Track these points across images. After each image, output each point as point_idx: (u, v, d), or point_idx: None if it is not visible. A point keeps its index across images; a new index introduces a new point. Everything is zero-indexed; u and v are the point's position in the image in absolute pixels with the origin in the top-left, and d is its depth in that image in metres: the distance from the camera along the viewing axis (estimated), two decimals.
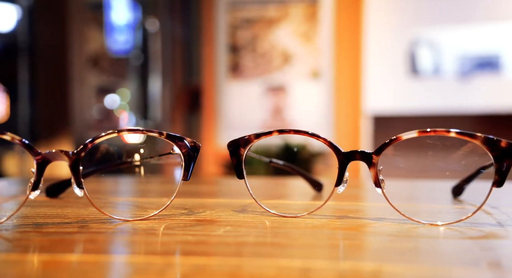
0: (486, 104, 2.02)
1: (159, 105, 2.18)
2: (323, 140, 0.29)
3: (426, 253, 0.21)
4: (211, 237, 0.23)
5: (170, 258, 0.19)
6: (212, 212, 0.31)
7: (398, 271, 0.18)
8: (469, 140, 0.26)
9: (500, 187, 0.26)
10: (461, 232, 0.25)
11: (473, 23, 2.04)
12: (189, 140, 0.29)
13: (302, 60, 2.31)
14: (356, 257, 0.20)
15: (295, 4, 2.31)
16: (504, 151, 0.26)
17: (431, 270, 0.18)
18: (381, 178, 0.28)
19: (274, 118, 2.35)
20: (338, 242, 0.23)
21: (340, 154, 0.28)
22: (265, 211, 0.30)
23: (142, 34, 2.22)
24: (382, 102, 2.15)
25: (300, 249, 0.21)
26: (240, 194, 0.42)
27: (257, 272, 0.17)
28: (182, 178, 0.29)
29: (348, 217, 0.29)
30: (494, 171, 0.26)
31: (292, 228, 0.26)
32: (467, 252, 0.21)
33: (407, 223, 0.27)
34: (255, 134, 0.30)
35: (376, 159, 0.28)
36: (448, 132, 0.27)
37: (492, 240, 0.23)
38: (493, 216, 0.30)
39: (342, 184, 0.29)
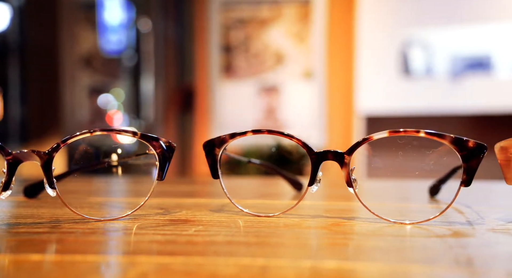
0: (477, 104, 2.04)
1: (151, 106, 2.18)
2: (296, 140, 0.29)
3: (390, 251, 0.21)
4: (181, 236, 0.23)
5: (134, 257, 0.19)
6: (188, 212, 0.31)
7: (358, 269, 0.18)
8: (438, 140, 0.27)
9: (467, 186, 0.27)
10: (429, 230, 0.25)
11: (465, 24, 2.05)
12: (164, 140, 0.29)
13: (295, 60, 2.31)
14: (318, 256, 0.20)
15: (288, 4, 2.31)
16: (472, 151, 0.26)
17: (390, 267, 0.18)
18: (353, 178, 0.28)
19: (267, 118, 2.36)
20: (306, 241, 0.23)
21: (313, 153, 0.29)
22: (240, 211, 0.30)
23: (135, 34, 2.22)
24: (374, 103, 2.16)
25: (265, 248, 0.21)
26: (221, 194, 0.42)
27: (218, 270, 0.18)
28: (157, 178, 0.29)
29: (321, 216, 0.30)
30: (462, 170, 0.27)
31: (264, 227, 0.26)
32: (430, 250, 0.21)
33: (378, 222, 0.27)
34: (230, 135, 0.30)
35: (348, 159, 0.28)
36: (418, 132, 0.27)
37: (458, 238, 0.24)
38: (464, 215, 0.31)
39: (315, 183, 0.29)
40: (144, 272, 0.17)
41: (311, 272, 0.18)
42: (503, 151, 0.27)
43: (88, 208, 0.31)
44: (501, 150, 0.27)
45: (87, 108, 2.23)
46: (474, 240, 0.23)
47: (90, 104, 2.25)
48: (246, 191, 0.46)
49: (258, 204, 0.35)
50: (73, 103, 2.01)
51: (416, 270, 0.18)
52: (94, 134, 0.27)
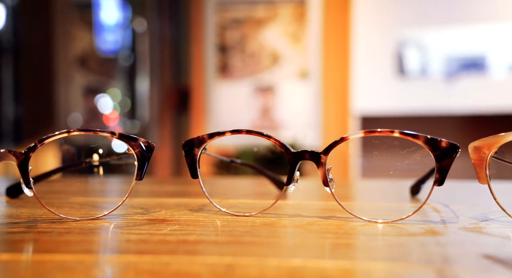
0: (472, 104, 2.05)
1: (147, 106, 2.18)
2: (274, 140, 0.29)
3: (359, 249, 0.21)
4: (154, 235, 0.24)
5: (102, 256, 0.19)
6: (167, 212, 0.31)
7: (321, 266, 0.18)
8: (412, 139, 0.27)
9: (440, 185, 0.27)
10: (402, 229, 0.26)
11: (459, 25, 2.07)
12: (143, 140, 0.29)
13: (290, 60, 2.32)
14: (286, 254, 0.20)
15: (283, 4, 2.32)
16: (444, 151, 0.27)
17: (354, 265, 0.18)
18: (330, 177, 0.29)
19: (262, 118, 2.36)
20: (278, 239, 0.23)
21: (290, 153, 0.29)
22: (219, 210, 0.31)
23: (131, 34, 2.22)
24: (369, 103, 2.17)
25: (236, 247, 0.22)
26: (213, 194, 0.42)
27: (182, 268, 0.18)
28: (135, 178, 0.29)
29: (299, 216, 0.30)
30: (435, 170, 0.27)
31: (239, 227, 0.26)
32: (399, 248, 0.21)
33: (354, 221, 0.28)
34: (208, 135, 0.30)
35: (324, 159, 0.28)
36: (392, 132, 0.28)
37: (429, 236, 0.24)
38: (440, 214, 0.31)
39: (292, 183, 0.29)
40: (108, 271, 0.17)
41: (275, 270, 0.18)
42: (477, 150, 0.28)
43: (68, 208, 0.32)
44: (474, 150, 0.28)
45: (82, 108, 2.22)
46: (444, 239, 0.24)
47: (86, 105, 2.25)
48: (230, 191, 0.47)
49: (239, 204, 0.36)
50: (67, 103, 2.00)
51: (379, 268, 0.18)
52: (71, 134, 0.27)
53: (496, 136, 0.27)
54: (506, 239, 0.23)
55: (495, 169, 0.29)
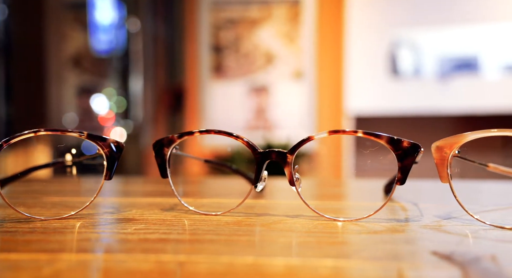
0: (464, 105, 2.06)
1: (140, 106, 2.18)
2: (241, 140, 0.30)
3: (311, 247, 0.22)
4: (117, 234, 0.24)
5: (57, 255, 0.20)
6: (137, 211, 0.31)
7: (271, 264, 0.19)
8: (374, 139, 0.28)
9: (403, 184, 0.27)
10: (363, 227, 0.26)
11: (452, 25, 2.08)
12: (112, 139, 0.30)
13: (285, 60, 2.32)
14: (240, 252, 0.21)
15: (277, 5, 2.32)
16: (406, 150, 0.27)
17: (302, 262, 0.19)
18: (296, 177, 0.29)
19: (257, 118, 2.37)
20: (237, 238, 0.24)
21: (257, 153, 0.29)
22: (189, 210, 0.31)
23: (125, 34, 2.22)
24: (363, 103, 2.18)
25: (194, 245, 0.22)
26: (185, 193, 0.43)
27: (134, 266, 0.18)
28: (104, 178, 0.29)
29: (267, 214, 0.30)
30: (397, 169, 0.27)
31: (205, 225, 0.27)
32: (351, 245, 0.22)
33: (320, 220, 0.28)
34: (178, 135, 0.31)
35: (290, 158, 0.29)
36: (356, 132, 0.28)
37: (387, 234, 0.25)
38: (407, 212, 0.32)
39: (260, 182, 0.30)
40: (59, 269, 0.18)
41: (225, 267, 0.18)
42: (439, 150, 0.28)
43: (40, 208, 0.32)
44: (436, 149, 0.28)
45: (76, 108, 2.22)
46: (401, 236, 0.24)
47: (80, 105, 2.24)
48: (207, 190, 0.47)
49: (212, 203, 0.36)
50: (60, 103, 2.00)
51: (327, 264, 0.18)
52: (38, 134, 0.28)
53: (457, 136, 0.28)
54: (461, 236, 0.24)
55: (458, 168, 0.29)
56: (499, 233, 0.25)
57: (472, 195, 0.40)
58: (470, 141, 0.29)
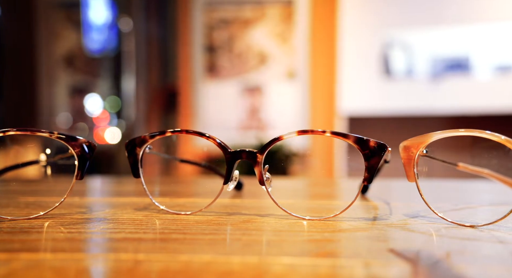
0: (456, 105, 2.08)
1: (133, 106, 2.17)
2: (212, 140, 0.30)
3: (271, 245, 0.22)
4: (83, 234, 0.24)
5: (17, 254, 0.20)
6: (110, 211, 0.31)
7: (228, 261, 0.19)
8: (342, 139, 0.28)
9: (369, 183, 0.28)
10: (329, 226, 0.26)
11: (444, 26, 2.09)
12: (84, 139, 0.30)
13: (278, 60, 2.33)
14: (200, 250, 0.21)
15: (271, 5, 2.33)
16: (373, 150, 0.27)
17: (259, 260, 0.19)
18: (267, 176, 0.29)
19: (250, 118, 2.37)
20: (203, 236, 0.24)
21: (228, 153, 0.30)
22: (162, 209, 0.31)
23: (118, 34, 2.21)
24: (356, 103, 2.19)
25: (156, 243, 0.22)
26: (164, 193, 0.43)
27: (88, 265, 0.18)
28: (75, 177, 0.29)
29: (239, 214, 0.31)
30: (364, 168, 0.28)
31: (174, 224, 0.27)
32: (310, 243, 0.22)
33: (288, 218, 0.28)
34: (149, 135, 0.31)
35: (260, 158, 0.29)
36: (324, 132, 0.28)
37: (349, 232, 0.25)
38: (377, 211, 0.32)
39: (231, 181, 0.30)
40: (15, 269, 0.18)
41: (181, 265, 0.19)
42: (406, 149, 0.28)
43: (12, 208, 0.32)
44: (404, 149, 0.29)
45: (69, 108, 2.21)
46: (364, 234, 0.24)
47: (73, 104, 2.23)
48: (187, 190, 0.47)
49: (187, 203, 0.36)
50: (51, 103, 1.99)
51: (281, 262, 0.19)
52: (7, 134, 0.28)
53: (423, 135, 0.28)
54: (423, 234, 0.24)
55: (426, 167, 0.30)
56: (460, 231, 0.25)
57: (445, 194, 0.41)
58: (442, 141, 0.30)
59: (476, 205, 0.35)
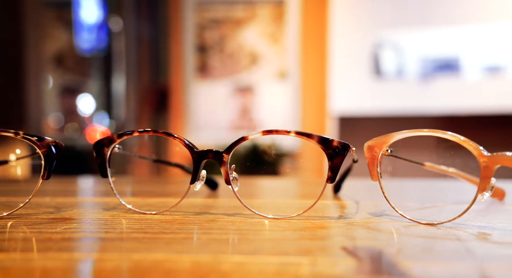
0: (446, 105, 2.10)
1: (123, 105, 2.16)
2: (179, 140, 0.30)
3: (230, 243, 0.22)
4: (44, 234, 0.24)
5: None
6: (77, 211, 0.31)
7: (181, 260, 0.19)
8: (306, 139, 0.28)
9: (332, 182, 0.28)
10: (291, 224, 0.27)
11: (434, 27, 2.11)
12: (50, 139, 0.30)
13: (269, 60, 2.33)
14: (155, 249, 0.21)
15: (262, 5, 2.33)
16: (336, 150, 0.28)
17: (210, 258, 0.19)
18: (233, 176, 0.30)
19: (242, 118, 2.37)
20: (162, 235, 0.24)
21: (195, 153, 0.30)
22: (131, 209, 0.31)
23: (108, 33, 2.20)
24: (347, 103, 2.20)
25: (114, 243, 0.22)
26: (137, 193, 0.43)
27: (43, 264, 0.18)
28: (41, 177, 0.29)
29: (206, 213, 0.31)
30: (328, 168, 0.28)
31: (138, 224, 0.27)
32: (269, 242, 0.22)
33: (254, 218, 0.29)
34: (117, 134, 0.31)
35: (226, 158, 0.29)
36: (288, 132, 0.29)
37: (309, 231, 0.25)
38: (344, 210, 0.32)
39: (198, 181, 0.30)
40: None
41: (133, 263, 0.19)
42: (370, 149, 0.29)
43: None
44: (368, 149, 0.29)
45: (60, 108, 2.19)
46: (323, 232, 0.25)
47: (63, 104, 2.22)
48: (161, 190, 0.47)
49: (158, 203, 0.36)
50: (40, 103, 1.97)
51: (232, 260, 0.19)
52: None
53: (386, 135, 0.29)
54: (381, 232, 0.25)
55: (391, 167, 0.30)
56: (419, 229, 0.25)
57: (414, 193, 0.42)
58: (408, 140, 0.30)
59: (441, 203, 0.35)
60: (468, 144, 0.25)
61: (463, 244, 0.22)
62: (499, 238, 0.23)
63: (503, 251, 0.21)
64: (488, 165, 0.24)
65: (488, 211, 0.32)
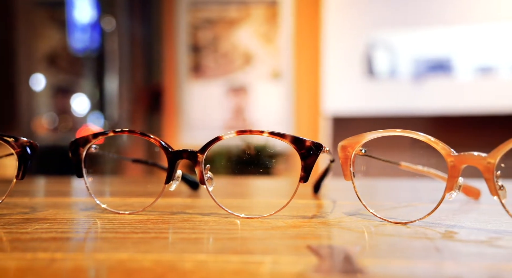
0: (438, 105, 2.11)
1: (116, 105, 2.16)
2: (154, 140, 0.30)
3: (197, 242, 0.22)
4: (14, 234, 0.24)
5: None
6: (52, 211, 0.31)
7: (144, 259, 0.19)
8: (280, 139, 0.29)
9: (305, 182, 0.28)
10: (264, 223, 0.27)
11: (427, 27, 2.12)
12: (25, 140, 0.30)
13: (263, 61, 2.33)
14: (120, 249, 0.21)
15: (255, 5, 2.33)
16: (309, 150, 0.28)
17: (173, 257, 0.19)
18: (208, 176, 0.30)
19: (235, 118, 2.37)
20: (132, 235, 0.24)
21: (169, 153, 0.30)
22: (106, 209, 0.31)
23: (101, 33, 2.19)
24: (340, 103, 2.21)
25: (80, 243, 0.22)
26: (111, 193, 0.43)
27: (5, 264, 0.18)
28: (16, 178, 0.29)
29: (182, 213, 0.31)
30: (301, 167, 0.28)
31: (111, 224, 0.27)
32: (235, 241, 0.23)
33: (228, 218, 0.29)
34: (92, 134, 0.31)
35: (201, 158, 0.29)
36: (262, 132, 0.29)
37: (280, 230, 0.25)
38: (319, 210, 0.33)
39: (173, 181, 0.30)
40: None
41: (96, 263, 0.19)
42: (343, 149, 0.29)
43: None
44: (341, 149, 0.29)
45: (53, 107, 2.18)
46: (293, 231, 0.25)
47: (56, 104, 2.21)
48: (142, 190, 0.47)
49: (136, 203, 0.36)
50: (32, 103, 1.96)
51: (190, 258, 0.19)
52: None
53: (359, 135, 0.29)
54: (350, 231, 0.25)
55: (364, 166, 0.30)
56: (388, 227, 0.26)
57: (391, 193, 0.42)
58: (382, 140, 0.30)
59: (417, 203, 0.36)
60: (437, 144, 0.26)
61: (427, 242, 0.22)
62: (465, 236, 0.24)
63: (465, 249, 0.21)
64: (455, 165, 0.25)
65: (460, 210, 0.32)
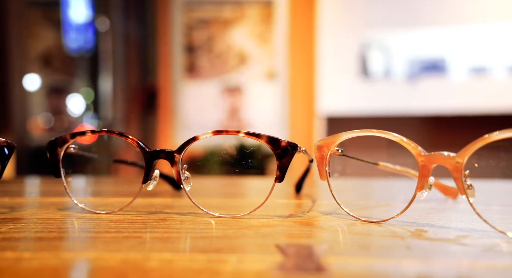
0: (432, 105, 2.12)
1: (110, 105, 2.15)
2: (131, 140, 0.30)
3: (166, 242, 0.22)
4: None
5: None
6: (31, 211, 0.31)
7: (110, 258, 0.19)
8: (256, 139, 0.29)
9: (281, 182, 0.29)
10: (238, 223, 0.27)
11: (421, 28, 2.13)
12: (2, 140, 0.30)
13: (257, 61, 2.33)
14: (89, 248, 0.21)
15: (250, 5, 2.33)
16: (284, 150, 0.28)
17: (139, 256, 0.20)
18: (186, 175, 0.30)
19: (230, 118, 2.37)
20: (105, 235, 0.24)
21: (147, 153, 0.30)
22: (85, 209, 0.31)
23: (95, 33, 2.18)
24: (335, 103, 2.21)
25: (50, 242, 0.22)
26: (93, 193, 0.43)
27: None
28: None
29: (160, 212, 0.31)
30: (276, 167, 0.28)
31: (88, 224, 0.27)
32: (205, 240, 0.23)
33: (205, 217, 0.29)
34: (70, 134, 0.31)
35: (178, 157, 0.30)
36: (238, 132, 0.29)
37: (252, 230, 0.25)
38: (297, 209, 0.33)
39: (151, 181, 0.30)
40: None
41: (63, 262, 0.19)
42: (319, 149, 0.29)
43: None
44: (318, 149, 0.29)
45: (47, 108, 2.17)
46: (266, 230, 0.25)
47: (51, 104, 2.20)
48: (124, 190, 0.47)
49: (116, 202, 0.36)
50: (26, 103, 1.95)
51: (158, 258, 0.19)
52: None
53: (335, 135, 0.29)
54: (323, 230, 0.25)
55: (340, 166, 0.31)
56: (360, 226, 0.26)
57: (370, 192, 0.42)
58: (362, 140, 0.31)
59: (394, 202, 0.36)
60: (409, 144, 0.26)
61: (396, 240, 0.23)
62: (434, 234, 0.24)
63: (433, 247, 0.21)
64: (426, 164, 0.25)
65: (436, 209, 0.32)
